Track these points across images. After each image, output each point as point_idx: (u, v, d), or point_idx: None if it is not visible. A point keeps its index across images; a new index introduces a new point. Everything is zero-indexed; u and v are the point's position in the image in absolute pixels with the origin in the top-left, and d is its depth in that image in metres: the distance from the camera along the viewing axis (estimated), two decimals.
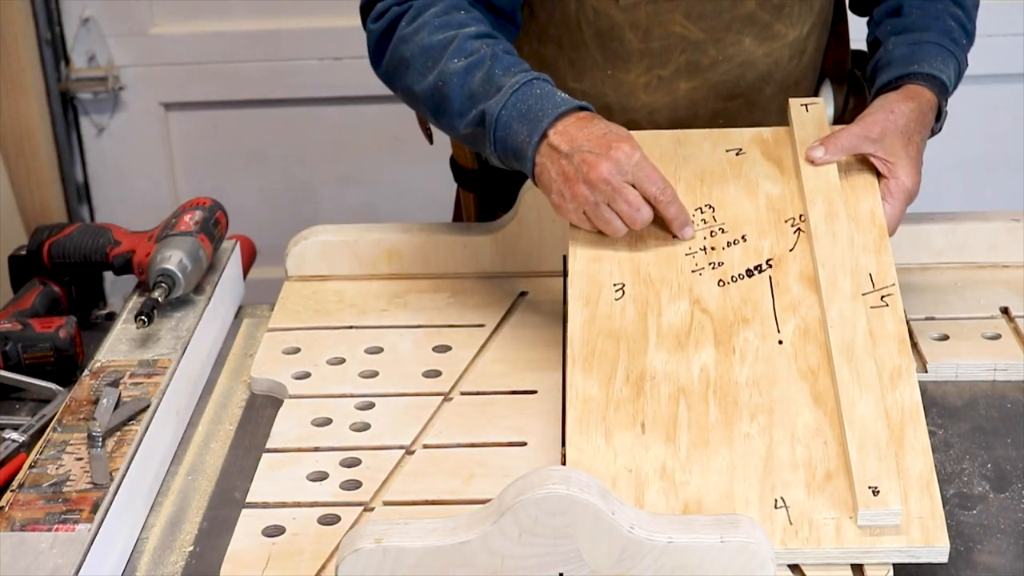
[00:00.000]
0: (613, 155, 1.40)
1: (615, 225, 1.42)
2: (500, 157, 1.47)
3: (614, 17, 1.60)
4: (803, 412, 1.28)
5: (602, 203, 1.41)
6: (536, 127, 1.42)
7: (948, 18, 1.60)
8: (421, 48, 1.51)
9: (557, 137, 1.42)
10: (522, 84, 1.45)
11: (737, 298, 1.39)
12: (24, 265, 1.64)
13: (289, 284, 1.68)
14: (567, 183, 1.41)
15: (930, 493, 1.21)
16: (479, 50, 1.48)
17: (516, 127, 1.43)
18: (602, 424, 1.28)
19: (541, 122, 1.42)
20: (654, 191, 1.41)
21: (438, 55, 1.49)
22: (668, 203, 1.42)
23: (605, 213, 1.41)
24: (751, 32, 1.64)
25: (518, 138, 1.43)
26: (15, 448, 1.38)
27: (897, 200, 1.48)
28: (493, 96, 1.45)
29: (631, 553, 1.09)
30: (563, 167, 1.41)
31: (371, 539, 1.10)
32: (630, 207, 1.40)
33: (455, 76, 1.47)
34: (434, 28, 1.51)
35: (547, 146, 1.42)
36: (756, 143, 1.56)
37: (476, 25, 1.52)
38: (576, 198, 1.41)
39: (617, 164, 1.40)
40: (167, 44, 2.86)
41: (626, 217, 1.41)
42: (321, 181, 2.99)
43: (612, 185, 1.40)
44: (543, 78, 1.47)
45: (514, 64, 1.47)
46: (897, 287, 1.39)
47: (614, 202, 1.40)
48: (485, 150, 1.48)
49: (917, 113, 1.52)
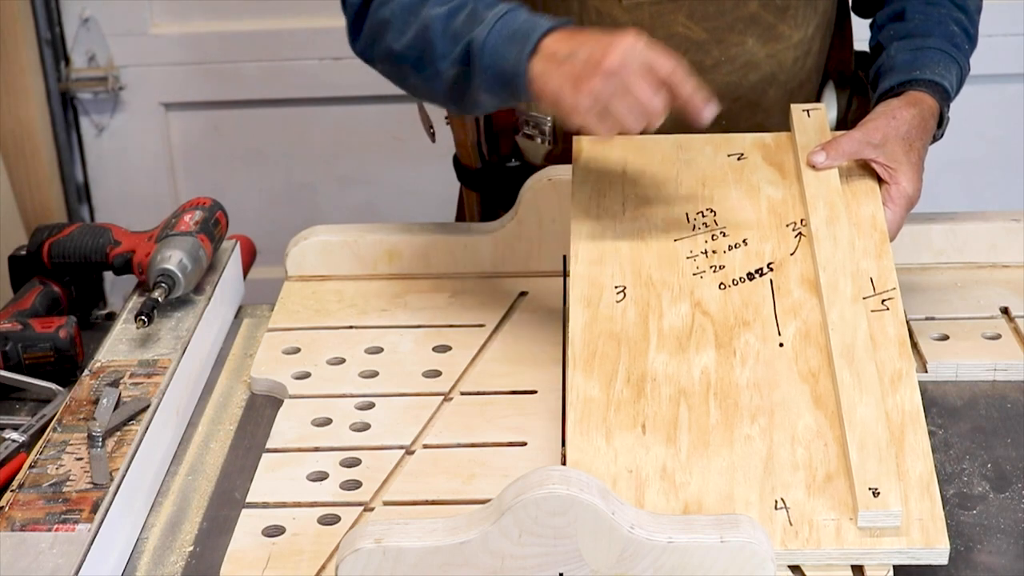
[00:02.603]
0: (620, 43, 1.33)
1: (628, 120, 1.34)
2: (491, 87, 1.43)
3: (617, 18, 1.60)
4: (804, 414, 1.28)
5: (618, 94, 1.33)
6: (526, 42, 1.38)
7: (951, 23, 1.60)
8: (400, 5, 1.48)
9: (553, 45, 1.37)
10: (507, 12, 1.41)
11: (738, 301, 1.39)
12: (24, 265, 1.64)
13: (289, 284, 1.68)
14: (577, 82, 1.34)
15: (930, 495, 1.21)
16: None
17: (504, 50, 1.39)
18: (603, 425, 1.28)
19: (531, 36, 1.38)
20: (666, 72, 1.34)
21: (418, 7, 1.46)
22: (683, 83, 1.34)
23: (624, 103, 1.33)
24: (754, 33, 1.64)
25: (508, 60, 1.39)
26: (15, 448, 1.38)
27: (898, 206, 1.48)
28: (477, 26, 1.41)
29: (631, 553, 1.09)
30: (568, 69, 1.35)
31: (371, 539, 1.10)
32: (646, 94, 1.33)
33: (437, 20, 1.44)
34: None
35: (542, 57, 1.37)
36: (758, 148, 1.56)
37: None
38: (591, 93, 1.33)
39: (625, 51, 1.33)
40: (167, 44, 2.86)
41: (645, 103, 1.33)
42: (321, 181, 2.99)
43: (627, 70, 1.32)
44: (527, 8, 1.43)
45: (497, 2, 1.44)
46: (898, 291, 1.39)
47: (630, 89, 1.33)
48: (471, 89, 1.44)
49: (919, 119, 1.52)
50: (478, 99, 1.45)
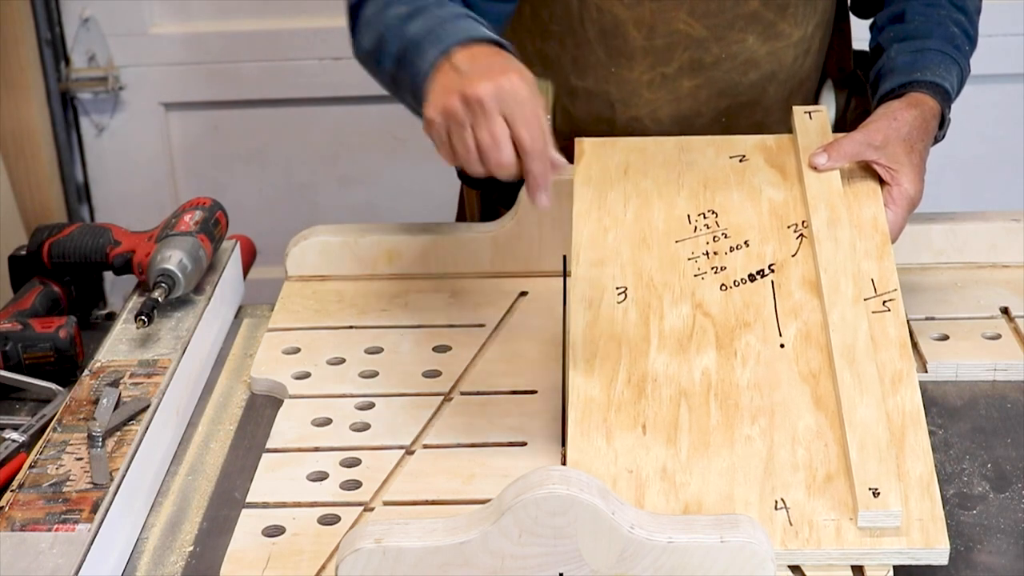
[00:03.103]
0: (498, 79, 1.26)
1: (470, 155, 1.27)
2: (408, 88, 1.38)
3: (618, 14, 1.60)
4: (804, 415, 1.28)
5: (467, 125, 1.26)
6: (444, 44, 1.34)
7: (951, 24, 1.60)
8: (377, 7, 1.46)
9: (460, 57, 1.32)
10: (454, 16, 1.38)
11: (739, 302, 1.39)
12: (24, 265, 1.64)
13: (289, 284, 1.68)
14: (443, 93, 1.29)
15: (930, 495, 1.21)
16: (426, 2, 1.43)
17: (427, 47, 1.36)
18: (603, 425, 1.28)
19: (449, 39, 1.34)
20: (524, 135, 1.25)
21: (387, 10, 1.44)
22: (534, 156, 1.25)
23: (466, 136, 1.27)
24: (755, 30, 1.64)
25: (425, 56, 1.35)
26: (15, 448, 1.38)
27: (900, 207, 1.48)
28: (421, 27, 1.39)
29: (631, 553, 1.09)
30: (448, 79, 1.30)
31: (371, 539, 1.10)
32: (492, 139, 1.25)
33: (396, 20, 1.42)
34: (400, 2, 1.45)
35: (447, 63, 1.32)
36: (759, 150, 1.56)
37: None
38: (445, 111, 1.28)
39: (499, 89, 1.25)
40: (167, 44, 2.86)
41: (484, 149, 1.26)
42: (321, 181, 2.99)
43: (485, 107, 1.25)
44: (480, 20, 1.40)
45: (456, 11, 1.41)
46: (899, 292, 1.39)
47: (479, 127, 1.26)
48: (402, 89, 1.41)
49: (920, 121, 1.52)
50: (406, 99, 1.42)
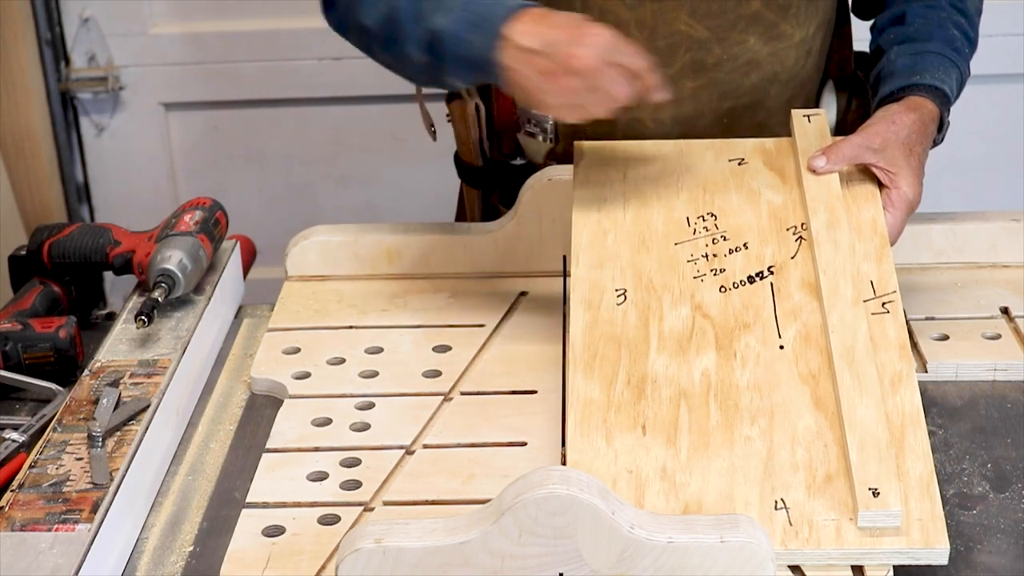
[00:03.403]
0: (589, 40, 1.36)
1: (603, 105, 1.38)
2: (460, 73, 1.44)
3: (620, 15, 1.60)
4: (804, 415, 1.28)
5: (588, 87, 1.37)
6: (490, 30, 1.38)
7: (951, 26, 1.60)
8: None
9: (522, 37, 1.38)
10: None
11: (738, 304, 1.39)
12: (24, 265, 1.64)
13: (289, 284, 1.68)
14: (550, 78, 1.37)
15: (930, 495, 1.21)
16: None
17: (470, 37, 1.40)
18: (603, 426, 1.28)
19: (495, 25, 1.38)
20: (635, 64, 1.38)
21: None
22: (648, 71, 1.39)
23: (591, 96, 1.37)
24: (756, 31, 1.64)
25: (474, 48, 1.40)
26: (15, 448, 1.38)
27: (898, 210, 1.48)
28: (442, 12, 1.41)
29: (631, 553, 1.09)
30: (539, 63, 1.37)
31: (371, 539, 1.10)
32: (616, 86, 1.37)
33: (406, 1, 1.44)
34: None
35: (513, 48, 1.38)
36: (758, 153, 1.56)
37: None
38: (563, 90, 1.37)
39: (595, 46, 1.36)
40: (167, 44, 2.86)
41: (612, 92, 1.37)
42: (321, 181, 2.99)
43: (596, 67, 1.36)
44: None
45: None
46: (898, 294, 1.39)
47: (600, 84, 1.36)
48: (443, 76, 1.45)
49: (919, 124, 1.52)
50: (451, 83, 1.46)
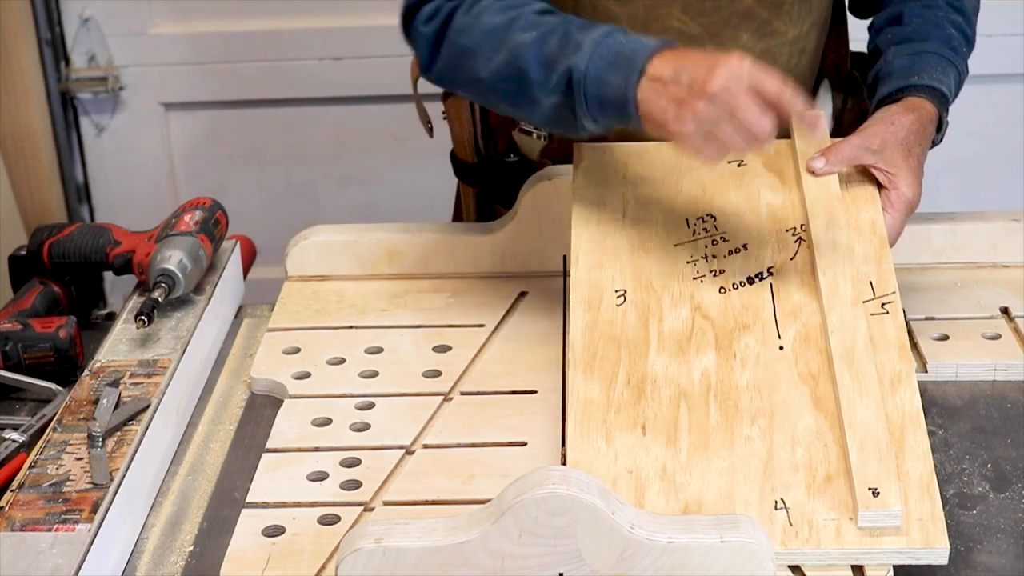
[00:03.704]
0: (725, 64, 1.32)
1: (737, 140, 1.32)
2: (596, 115, 1.41)
3: (612, 11, 1.60)
4: (804, 415, 1.28)
5: (724, 116, 1.31)
6: (632, 68, 1.36)
7: (948, 26, 1.60)
8: (484, 32, 1.46)
9: (656, 70, 1.35)
10: (604, 37, 1.40)
11: (738, 305, 1.39)
12: (24, 265, 1.64)
13: (289, 284, 1.68)
14: (683, 105, 1.33)
15: (930, 495, 1.21)
16: (547, 22, 1.44)
17: (608, 77, 1.38)
18: (603, 426, 1.28)
19: (636, 63, 1.36)
20: (771, 89, 1.32)
21: (504, 34, 1.44)
22: (792, 100, 1.32)
23: (726, 128, 1.31)
24: (749, 28, 1.64)
25: (613, 88, 1.37)
26: (15, 448, 1.38)
27: (898, 211, 1.48)
28: (575, 54, 1.40)
29: (631, 553, 1.09)
30: (673, 92, 1.34)
31: (371, 539, 1.10)
32: (753, 115, 1.31)
33: (529, 48, 1.42)
34: (495, 11, 1.46)
35: (647, 80, 1.36)
36: (758, 154, 1.56)
37: (538, 3, 1.48)
38: (697, 116, 1.32)
39: (731, 73, 1.31)
40: (167, 44, 2.86)
41: (750, 126, 1.31)
42: (321, 181, 2.99)
43: (732, 92, 1.31)
44: (621, 29, 1.42)
45: (589, 24, 1.43)
46: (898, 295, 1.39)
47: (736, 112, 1.31)
48: (576, 115, 1.42)
49: (917, 125, 1.52)
50: (583, 125, 1.43)
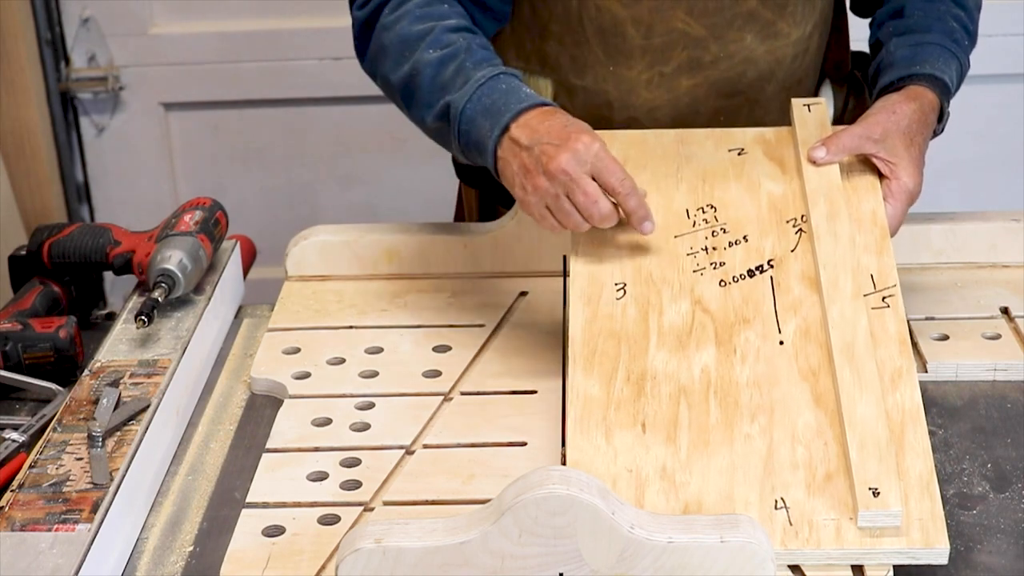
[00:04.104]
0: (572, 145, 1.38)
1: (574, 219, 1.40)
2: (464, 151, 1.48)
3: (616, 13, 1.60)
4: (804, 412, 1.28)
5: (562, 195, 1.39)
6: (498, 121, 1.43)
7: (950, 19, 1.61)
8: (399, 37, 1.52)
9: (518, 131, 1.42)
10: (489, 78, 1.45)
11: (738, 298, 1.39)
12: (24, 265, 1.64)
13: (289, 284, 1.68)
14: (527, 176, 1.41)
15: (930, 494, 1.21)
16: (455, 42, 1.49)
17: (480, 121, 1.44)
18: (603, 424, 1.28)
19: (503, 116, 1.43)
20: (613, 182, 1.39)
21: (415, 44, 1.51)
22: (627, 195, 1.40)
23: (565, 205, 1.39)
24: (753, 30, 1.64)
25: (480, 133, 1.44)
26: (15, 448, 1.38)
27: (899, 201, 1.48)
28: (459, 89, 1.46)
29: (631, 553, 1.09)
30: (523, 160, 1.41)
31: (371, 539, 1.10)
32: (587, 198, 1.38)
33: (428, 67, 1.49)
34: (414, 18, 1.53)
35: (508, 139, 1.42)
36: (758, 143, 1.56)
37: (456, 18, 1.53)
38: (537, 190, 1.40)
39: (575, 154, 1.38)
40: (167, 44, 2.86)
41: (583, 209, 1.39)
42: (321, 181, 2.99)
43: (570, 175, 1.38)
44: (511, 73, 1.47)
45: (486, 59, 1.49)
46: (898, 288, 1.39)
47: (572, 193, 1.38)
48: (450, 145, 1.49)
49: (919, 114, 1.52)
50: (456, 154, 1.50)
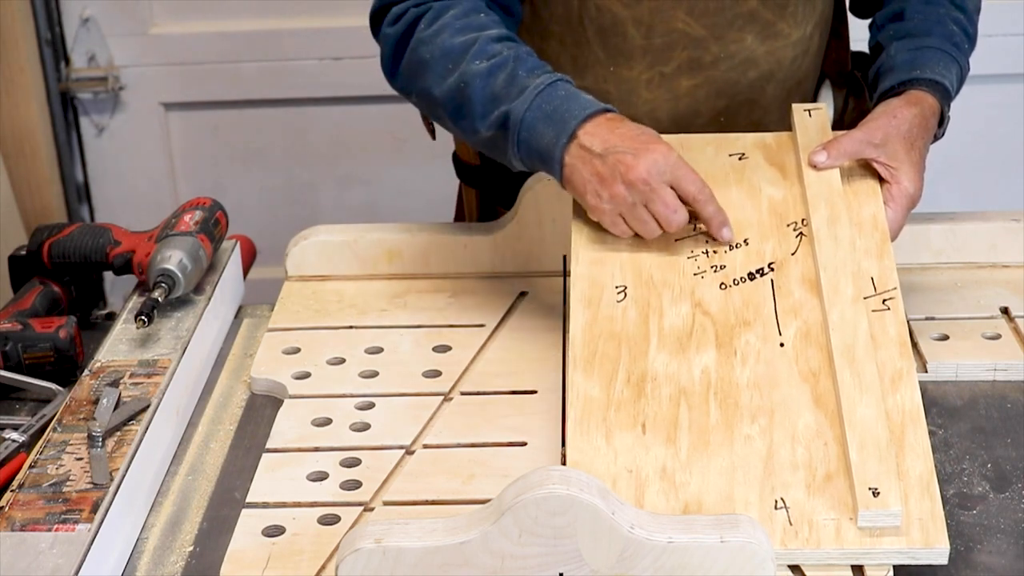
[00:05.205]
0: (650, 155, 1.40)
1: (650, 226, 1.41)
2: (524, 159, 1.46)
3: (617, 13, 1.60)
4: (804, 414, 1.28)
5: (639, 204, 1.40)
6: (564, 128, 1.42)
7: (950, 22, 1.61)
8: (442, 50, 1.50)
9: (588, 138, 1.42)
10: (546, 85, 1.44)
11: (739, 301, 1.39)
12: (24, 265, 1.64)
13: (289, 284, 1.68)
14: (603, 183, 1.41)
15: (930, 495, 1.21)
16: (501, 52, 1.48)
17: (542, 128, 1.43)
18: (603, 425, 1.28)
19: (569, 123, 1.42)
20: (692, 190, 1.41)
21: (459, 57, 1.49)
22: (706, 202, 1.42)
23: (642, 214, 1.41)
24: (753, 30, 1.64)
25: (544, 140, 1.43)
26: (15, 448, 1.38)
27: (899, 205, 1.48)
28: (516, 98, 1.44)
29: (631, 553, 1.09)
30: (597, 167, 1.41)
31: (371, 539, 1.10)
32: (667, 208, 1.40)
33: (477, 78, 1.47)
34: (455, 30, 1.50)
35: (577, 146, 1.42)
36: (759, 148, 1.56)
37: (497, 28, 1.51)
38: (614, 199, 1.40)
39: (655, 164, 1.39)
40: (167, 44, 2.86)
41: (662, 218, 1.41)
42: (321, 181, 2.99)
43: (650, 185, 1.39)
44: (566, 79, 1.47)
45: (537, 66, 1.47)
46: (899, 291, 1.39)
47: (651, 203, 1.40)
48: (507, 153, 1.47)
49: (920, 118, 1.52)
50: (512, 163, 1.48)
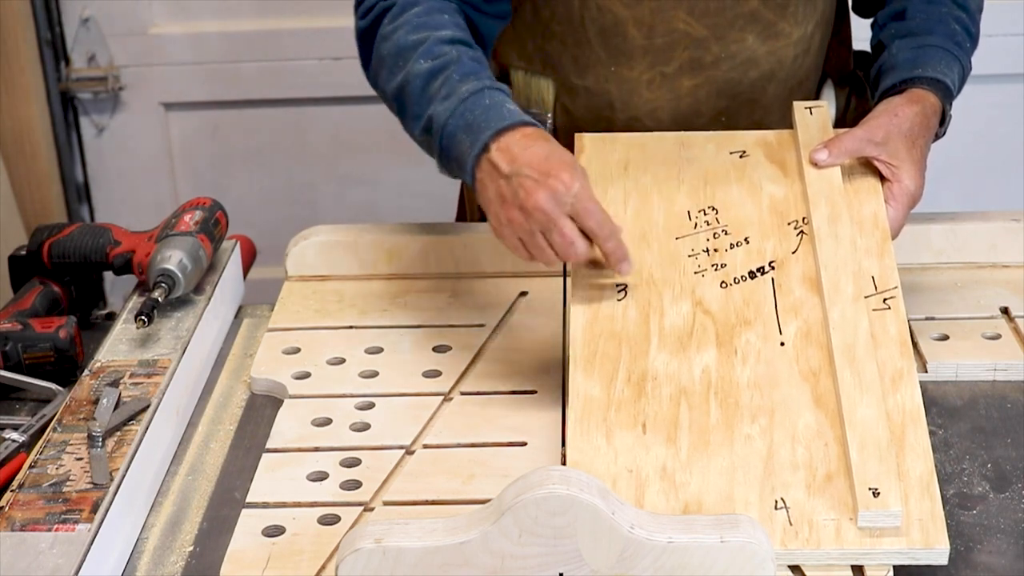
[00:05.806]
0: (551, 183, 1.33)
1: (547, 255, 1.36)
2: (445, 167, 1.45)
3: (618, 13, 1.61)
4: (804, 413, 1.28)
5: (536, 231, 1.34)
6: (477, 140, 1.39)
7: (952, 21, 1.61)
8: (396, 48, 1.50)
9: (498, 154, 1.38)
10: (472, 93, 1.41)
11: (739, 300, 1.39)
12: (24, 265, 1.64)
13: (289, 284, 1.68)
14: (503, 206, 1.36)
15: (930, 495, 1.21)
16: (446, 53, 1.46)
17: (461, 137, 1.41)
18: (603, 424, 1.28)
19: (482, 135, 1.39)
20: (591, 225, 1.34)
21: (408, 55, 1.48)
22: (606, 238, 1.35)
23: (540, 241, 1.35)
24: (754, 30, 1.64)
25: (461, 149, 1.40)
26: (15, 448, 1.38)
27: (900, 203, 1.48)
28: (444, 102, 1.42)
29: (631, 553, 1.09)
30: (501, 188, 1.37)
31: (371, 539, 1.10)
32: (564, 240, 1.34)
33: (418, 78, 1.46)
34: (411, 28, 1.50)
35: (487, 162, 1.38)
36: (760, 146, 1.56)
37: (451, 29, 1.50)
38: (511, 223, 1.36)
39: (555, 193, 1.33)
40: (167, 44, 2.86)
41: (559, 249, 1.35)
42: (321, 181, 2.99)
43: (548, 215, 1.33)
44: (497, 87, 1.43)
45: (472, 72, 1.45)
46: (899, 290, 1.39)
47: (548, 233, 1.34)
48: (434, 157, 1.46)
49: (921, 117, 1.52)
50: (439, 166, 1.47)
